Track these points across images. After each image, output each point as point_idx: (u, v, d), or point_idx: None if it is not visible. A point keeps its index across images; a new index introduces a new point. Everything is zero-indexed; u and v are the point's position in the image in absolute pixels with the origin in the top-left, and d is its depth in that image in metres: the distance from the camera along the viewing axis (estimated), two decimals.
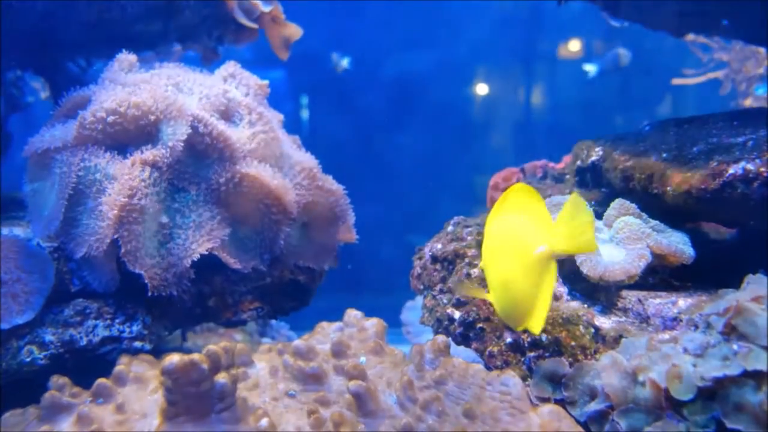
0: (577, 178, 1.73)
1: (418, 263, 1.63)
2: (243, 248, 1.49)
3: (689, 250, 1.22)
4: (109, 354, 1.36)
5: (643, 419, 0.96)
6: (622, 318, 1.18)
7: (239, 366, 1.19)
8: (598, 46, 4.52)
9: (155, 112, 1.37)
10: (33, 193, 1.43)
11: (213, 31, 2.08)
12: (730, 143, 1.24)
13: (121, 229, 1.28)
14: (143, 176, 1.32)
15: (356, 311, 1.29)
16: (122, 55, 1.56)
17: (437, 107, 4.55)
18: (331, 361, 1.17)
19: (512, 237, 1.03)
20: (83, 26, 1.76)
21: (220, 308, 1.55)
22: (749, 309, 0.94)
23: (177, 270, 1.36)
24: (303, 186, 1.57)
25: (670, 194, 1.25)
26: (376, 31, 4.52)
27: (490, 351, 1.27)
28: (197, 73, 1.59)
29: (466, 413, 1.04)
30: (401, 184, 4.47)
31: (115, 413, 1.09)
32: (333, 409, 1.06)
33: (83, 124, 1.36)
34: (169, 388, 0.94)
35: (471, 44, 4.57)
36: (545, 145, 2.99)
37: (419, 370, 1.13)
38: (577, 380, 1.09)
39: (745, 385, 0.89)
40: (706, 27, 2.22)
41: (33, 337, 1.32)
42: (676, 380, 0.93)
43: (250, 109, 1.53)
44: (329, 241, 1.68)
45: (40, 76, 2.39)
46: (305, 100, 4.63)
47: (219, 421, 0.97)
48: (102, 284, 1.37)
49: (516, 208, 1.03)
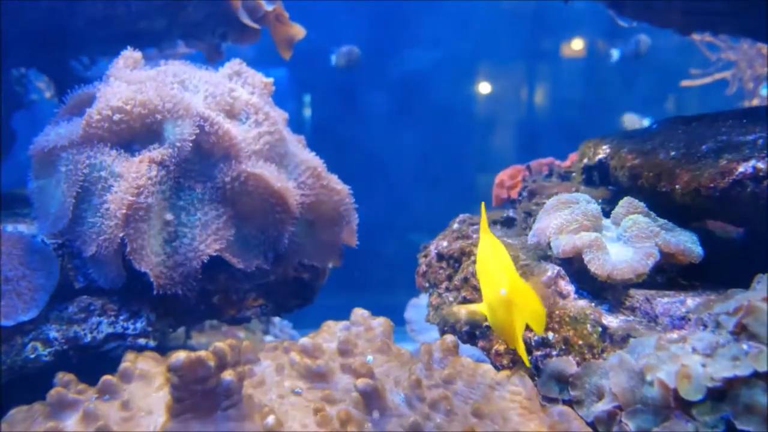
0: (584, 176, 1.72)
1: (424, 261, 1.63)
2: (247, 246, 1.48)
3: (698, 248, 1.21)
4: (114, 351, 1.36)
5: (651, 420, 0.96)
6: (630, 317, 1.17)
7: (245, 363, 1.19)
8: (601, 44, 4.51)
9: (162, 111, 1.37)
10: (38, 190, 1.43)
11: (217, 29, 2.08)
12: (740, 141, 1.23)
13: (127, 227, 1.28)
14: (150, 174, 1.31)
15: (363, 310, 1.29)
16: (127, 52, 1.55)
17: (441, 105, 4.54)
18: (338, 359, 1.17)
19: (489, 269, 1.12)
20: (87, 23, 1.76)
21: (224, 305, 1.54)
22: (760, 309, 0.93)
23: (185, 270, 1.36)
24: (308, 185, 1.57)
25: (678, 192, 1.24)
26: (379, 30, 4.51)
27: (497, 349, 1.27)
28: (203, 70, 1.58)
29: (475, 412, 1.04)
30: (405, 183, 4.46)
31: (121, 410, 1.09)
32: (339, 407, 1.05)
33: (90, 122, 1.36)
34: (175, 385, 0.94)
35: (475, 42, 4.56)
36: (549, 143, 2.98)
37: (428, 368, 1.12)
38: (585, 380, 1.09)
39: (756, 386, 0.88)
40: (712, 25, 2.21)
41: (37, 333, 1.32)
42: (685, 380, 0.92)
43: (256, 108, 1.52)
44: (333, 239, 1.67)
45: (44, 74, 2.39)
46: (308, 98, 4.63)
47: (225, 419, 0.97)
48: (108, 281, 1.37)
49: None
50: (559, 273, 1.27)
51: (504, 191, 2.09)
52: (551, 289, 1.25)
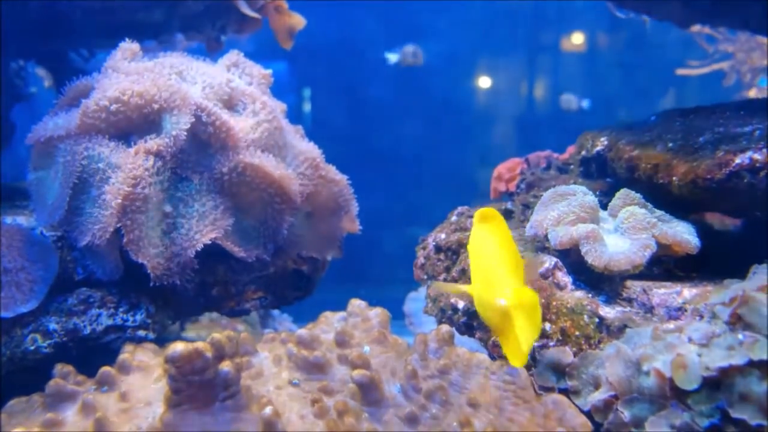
0: (581, 168, 1.72)
1: (422, 253, 1.63)
2: (246, 238, 1.48)
3: (694, 240, 1.21)
4: (113, 343, 1.37)
5: (647, 408, 0.96)
6: (626, 308, 1.18)
7: (243, 355, 1.19)
8: (602, 38, 4.50)
9: (158, 101, 1.37)
10: (36, 181, 1.43)
11: (216, 20, 2.07)
12: (737, 133, 1.23)
13: (124, 218, 1.28)
14: (147, 165, 1.31)
15: (360, 301, 1.29)
16: (125, 44, 1.55)
17: (440, 99, 4.54)
18: (335, 350, 1.17)
19: (489, 264, 1.01)
20: (86, 14, 1.75)
21: (223, 298, 1.54)
22: (755, 299, 0.93)
23: (180, 260, 1.36)
24: (306, 176, 1.57)
25: (675, 184, 1.24)
26: (379, 23, 4.50)
27: (494, 341, 1.27)
28: (200, 62, 1.58)
29: (470, 402, 1.04)
30: (403, 176, 4.46)
31: (120, 401, 1.10)
32: (336, 398, 1.06)
33: (86, 112, 1.36)
34: (173, 377, 0.94)
35: (474, 36, 4.56)
36: (548, 137, 2.98)
37: (423, 359, 1.13)
38: (581, 370, 1.09)
39: (751, 375, 0.89)
40: (711, 18, 2.21)
41: (37, 325, 1.32)
42: (681, 370, 0.93)
43: (253, 98, 1.52)
44: (333, 230, 1.68)
45: (42, 66, 2.38)
46: (307, 91, 4.62)
47: (223, 409, 0.97)
48: (106, 273, 1.37)
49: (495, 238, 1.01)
50: (557, 264, 1.27)
51: (502, 184, 2.10)
52: (549, 280, 1.26)
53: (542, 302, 1.21)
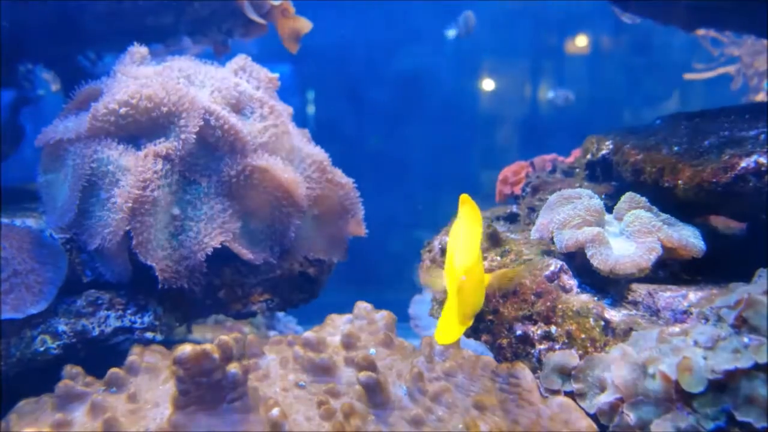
0: (587, 171, 1.73)
1: (428, 256, 1.63)
2: (254, 241, 1.49)
3: (700, 243, 1.22)
4: (121, 344, 1.38)
5: (653, 411, 0.96)
6: (632, 311, 1.18)
7: (250, 357, 1.20)
8: (606, 41, 4.50)
9: (167, 104, 1.38)
10: (46, 184, 1.44)
11: (223, 24, 2.08)
12: (742, 136, 1.23)
13: (133, 220, 1.29)
14: (156, 168, 1.33)
15: (366, 303, 1.30)
16: (134, 48, 1.56)
17: (445, 102, 4.54)
18: (341, 352, 1.18)
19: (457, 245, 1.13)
20: (95, 19, 1.77)
21: (230, 300, 1.55)
22: (761, 302, 0.94)
23: (189, 263, 1.37)
24: (313, 179, 1.58)
25: (681, 187, 1.25)
26: (384, 25, 4.51)
27: (500, 343, 1.27)
28: (208, 65, 1.59)
29: (476, 405, 1.05)
30: (409, 179, 4.47)
31: (128, 402, 1.10)
32: (343, 400, 1.07)
33: (96, 115, 1.37)
34: (180, 378, 0.95)
35: (479, 39, 4.56)
36: (553, 140, 2.98)
37: (429, 361, 1.13)
38: (587, 372, 1.09)
39: (756, 378, 0.89)
40: (716, 22, 2.21)
41: (46, 326, 1.33)
42: (686, 372, 0.93)
43: (261, 102, 1.53)
44: (339, 233, 1.68)
45: (51, 69, 2.40)
46: (311, 94, 4.63)
47: (230, 411, 0.98)
48: (114, 275, 1.39)
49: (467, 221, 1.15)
50: (562, 267, 1.27)
51: (507, 187, 2.10)
52: (554, 283, 1.26)
53: (548, 305, 1.22)
